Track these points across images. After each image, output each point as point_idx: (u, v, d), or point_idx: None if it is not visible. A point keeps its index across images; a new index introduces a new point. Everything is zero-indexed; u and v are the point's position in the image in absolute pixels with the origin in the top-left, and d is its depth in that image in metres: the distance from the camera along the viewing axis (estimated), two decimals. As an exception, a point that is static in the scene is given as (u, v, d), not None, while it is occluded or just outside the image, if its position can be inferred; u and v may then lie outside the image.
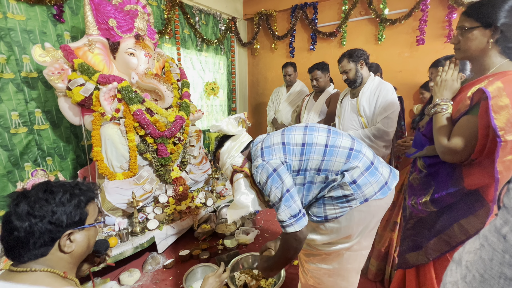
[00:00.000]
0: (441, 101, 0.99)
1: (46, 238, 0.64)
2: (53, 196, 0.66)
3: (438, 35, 2.64)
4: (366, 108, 1.76)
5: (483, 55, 0.92)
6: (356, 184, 0.97)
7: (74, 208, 0.68)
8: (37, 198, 0.64)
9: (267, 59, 3.98)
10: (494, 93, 0.80)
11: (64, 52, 1.82)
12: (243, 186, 1.07)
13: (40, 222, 0.63)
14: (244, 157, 1.12)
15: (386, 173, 1.05)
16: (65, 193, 0.68)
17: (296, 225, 0.95)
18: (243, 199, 1.06)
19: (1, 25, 1.84)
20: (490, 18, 0.87)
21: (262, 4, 3.72)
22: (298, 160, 1.00)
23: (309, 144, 1.00)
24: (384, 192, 1.01)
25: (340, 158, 0.98)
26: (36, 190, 0.66)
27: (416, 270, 1.14)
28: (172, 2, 2.93)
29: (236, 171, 1.10)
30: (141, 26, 2.05)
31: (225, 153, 1.13)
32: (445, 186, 0.98)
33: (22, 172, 2.02)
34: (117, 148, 1.90)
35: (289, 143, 1.01)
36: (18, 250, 0.63)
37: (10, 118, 1.93)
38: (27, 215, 0.62)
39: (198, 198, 2.36)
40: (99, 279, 1.68)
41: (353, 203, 0.98)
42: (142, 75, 2.03)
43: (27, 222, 0.62)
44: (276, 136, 1.04)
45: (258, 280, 1.61)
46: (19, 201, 0.64)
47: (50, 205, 0.65)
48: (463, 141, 0.88)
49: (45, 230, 0.63)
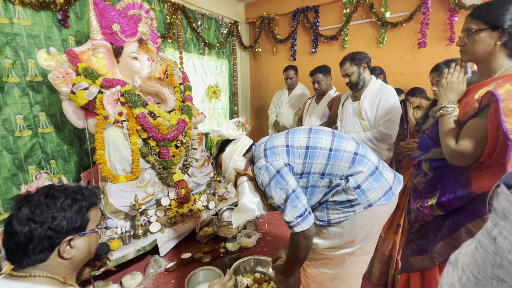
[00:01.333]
0: (447, 103, 0.97)
1: (46, 244, 0.63)
2: (54, 201, 0.65)
3: (439, 38, 2.65)
4: (368, 111, 1.76)
5: (490, 57, 0.91)
6: (360, 189, 0.96)
7: (75, 214, 0.67)
8: (38, 203, 0.64)
9: (269, 62, 4.00)
10: (505, 96, 0.78)
11: (69, 56, 1.84)
12: (247, 190, 1.06)
13: (40, 227, 0.62)
14: (247, 160, 1.11)
15: (391, 178, 1.05)
16: (66, 199, 0.66)
17: (303, 223, 0.94)
18: (248, 203, 1.05)
19: (8, 30, 1.87)
20: (497, 20, 0.86)
21: (264, 8, 3.75)
22: (302, 163, 0.99)
23: (313, 148, 0.99)
24: (388, 197, 1.00)
25: (344, 162, 0.98)
26: (38, 195, 0.66)
27: (421, 274, 1.12)
28: (175, 7, 2.96)
29: (239, 174, 1.09)
30: (144, 30, 2.08)
31: (227, 158, 1.12)
32: (452, 189, 0.96)
33: (26, 175, 2.04)
34: (120, 151, 1.91)
35: (293, 146, 1.00)
36: (18, 255, 0.62)
37: (15, 122, 1.95)
38: (27, 220, 0.61)
39: (200, 201, 2.36)
40: (101, 282, 1.68)
41: (356, 208, 0.98)
42: (145, 79, 2.05)
43: (27, 227, 0.61)
44: (280, 138, 1.04)
45: (261, 284, 1.60)
46: (21, 205, 0.63)
47: (51, 211, 0.63)
48: (472, 144, 0.86)
49: (44, 236, 0.62)
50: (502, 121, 0.77)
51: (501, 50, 0.89)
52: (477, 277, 0.33)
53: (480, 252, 0.34)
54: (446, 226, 1.00)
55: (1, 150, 1.90)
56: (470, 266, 0.35)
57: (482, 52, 0.92)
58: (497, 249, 0.31)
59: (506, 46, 0.88)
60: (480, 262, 0.33)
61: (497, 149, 0.81)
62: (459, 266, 0.38)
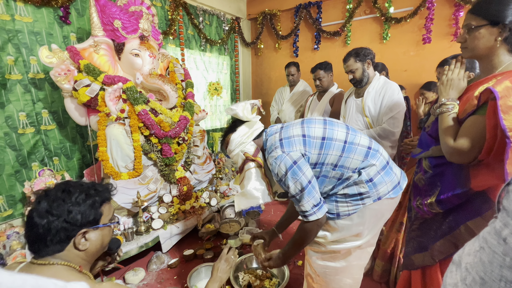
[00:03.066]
0: (447, 100, 0.97)
1: (62, 235, 0.68)
2: (70, 196, 0.69)
3: (444, 33, 2.61)
4: (371, 108, 1.75)
5: (491, 53, 0.90)
6: (372, 182, 0.98)
7: (89, 208, 0.71)
8: (55, 197, 0.69)
9: (271, 59, 3.97)
10: (503, 93, 0.78)
11: (70, 53, 1.84)
12: (254, 176, 1.06)
13: (57, 220, 0.67)
14: (256, 146, 1.09)
15: (399, 173, 1.08)
16: (81, 193, 0.71)
17: (319, 212, 0.97)
18: (253, 190, 1.05)
19: (9, 27, 1.87)
20: (498, 16, 0.85)
21: (265, 4, 3.72)
22: (317, 154, 1.00)
23: (329, 139, 1.00)
24: (396, 191, 1.03)
25: (358, 156, 0.99)
26: (55, 190, 0.70)
27: (422, 272, 1.12)
28: (176, 3, 2.94)
29: (248, 159, 1.07)
30: (146, 27, 2.06)
31: (237, 138, 1.08)
32: (451, 187, 0.96)
33: (30, 172, 2.05)
34: (122, 148, 1.91)
35: (310, 136, 1.00)
36: (38, 245, 0.68)
37: (18, 119, 1.96)
38: (46, 213, 0.67)
39: (202, 198, 2.37)
40: (105, 278, 1.70)
41: (366, 200, 0.99)
42: (147, 76, 2.05)
43: (45, 220, 0.66)
44: (296, 128, 1.02)
45: (262, 280, 1.61)
46: (41, 199, 0.68)
47: (66, 204, 0.68)
48: (470, 141, 0.86)
49: (61, 228, 0.67)
50: (500, 119, 0.76)
51: (502, 46, 0.88)
52: (483, 278, 0.32)
53: (487, 253, 0.33)
54: (446, 223, 1.00)
55: (5, 147, 1.91)
56: (475, 267, 0.35)
57: (483, 48, 0.91)
58: (507, 250, 0.30)
59: (507, 42, 0.87)
60: (487, 263, 0.32)
61: (495, 146, 0.81)
62: (463, 266, 0.38)
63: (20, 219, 2.03)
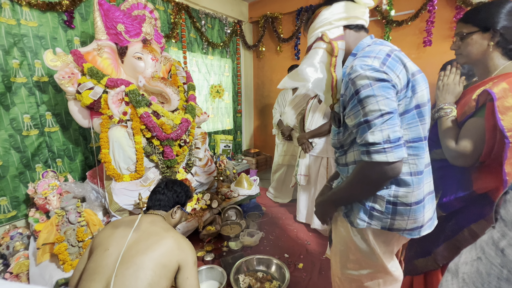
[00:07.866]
0: (444, 105, 0.99)
1: (169, 203, 1.20)
2: (181, 186, 1.27)
3: (445, 36, 2.61)
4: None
5: (485, 58, 0.92)
6: None
7: (185, 197, 1.27)
8: (175, 184, 1.26)
9: (273, 62, 3.99)
10: (500, 94, 0.79)
11: (74, 56, 1.86)
12: (318, 58, 0.86)
13: (172, 194, 1.22)
14: (342, 35, 0.86)
15: None
16: (183, 188, 1.28)
17: (391, 153, 0.69)
18: (309, 71, 0.87)
19: (15, 32, 1.90)
20: (487, 22, 0.88)
21: (267, 7, 3.74)
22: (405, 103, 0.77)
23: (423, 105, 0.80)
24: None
25: None
26: (173, 181, 1.28)
27: (424, 277, 1.12)
28: (179, 7, 2.98)
29: (322, 39, 0.86)
30: (148, 30, 2.09)
31: (327, 15, 0.85)
32: (453, 190, 0.96)
33: (33, 173, 2.07)
34: (124, 150, 1.93)
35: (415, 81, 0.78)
36: (157, 203, 1.19)
37: (22, 121, 1.99)
38: (170, 188, 1.23)
39: (203, 200, 2.37)
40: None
41: None
42: (149, 79, 2.07)
43: (167, 191, 1.22)
44: (410, 62, 0.80)
45: (263, 283, 1.61)
46: (167, 182, 1.26)
47: (178, 190, 1.25)
48: (471, 143, 0.87)
49: (171, 198, 1.21)
50: (498, 119, 0.78)
51: (495, 50, 0.90)
52: None
53: (485, 264, 0.32)
54: (449, 227, 1.00)
55: (9, 149, 1.94)
56: (472, 277, 0.34)
57: (477, 53, 0.93)
58: (505, 262, 0.29)
59: (499, 46, 0.89)
60: (484, 274, 0.32)
61: (495, 147, 0.82)
62: (460, 276, 0.37)
63: (23, 220, 2.05)
